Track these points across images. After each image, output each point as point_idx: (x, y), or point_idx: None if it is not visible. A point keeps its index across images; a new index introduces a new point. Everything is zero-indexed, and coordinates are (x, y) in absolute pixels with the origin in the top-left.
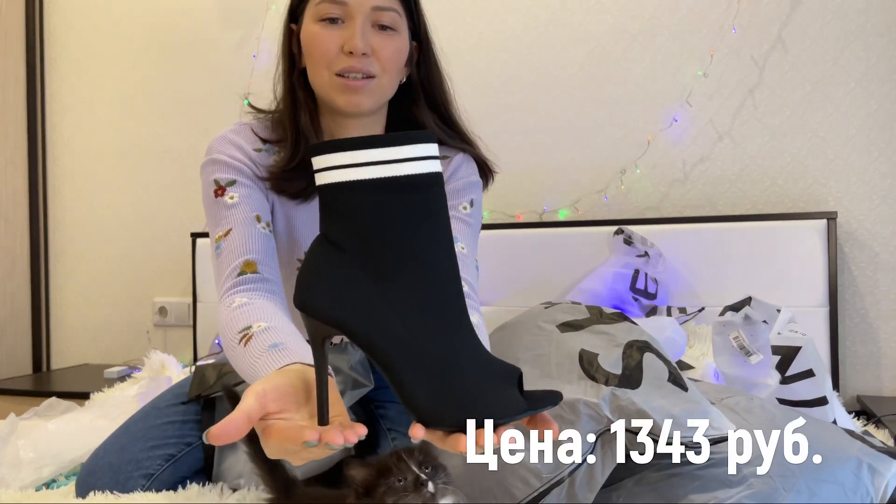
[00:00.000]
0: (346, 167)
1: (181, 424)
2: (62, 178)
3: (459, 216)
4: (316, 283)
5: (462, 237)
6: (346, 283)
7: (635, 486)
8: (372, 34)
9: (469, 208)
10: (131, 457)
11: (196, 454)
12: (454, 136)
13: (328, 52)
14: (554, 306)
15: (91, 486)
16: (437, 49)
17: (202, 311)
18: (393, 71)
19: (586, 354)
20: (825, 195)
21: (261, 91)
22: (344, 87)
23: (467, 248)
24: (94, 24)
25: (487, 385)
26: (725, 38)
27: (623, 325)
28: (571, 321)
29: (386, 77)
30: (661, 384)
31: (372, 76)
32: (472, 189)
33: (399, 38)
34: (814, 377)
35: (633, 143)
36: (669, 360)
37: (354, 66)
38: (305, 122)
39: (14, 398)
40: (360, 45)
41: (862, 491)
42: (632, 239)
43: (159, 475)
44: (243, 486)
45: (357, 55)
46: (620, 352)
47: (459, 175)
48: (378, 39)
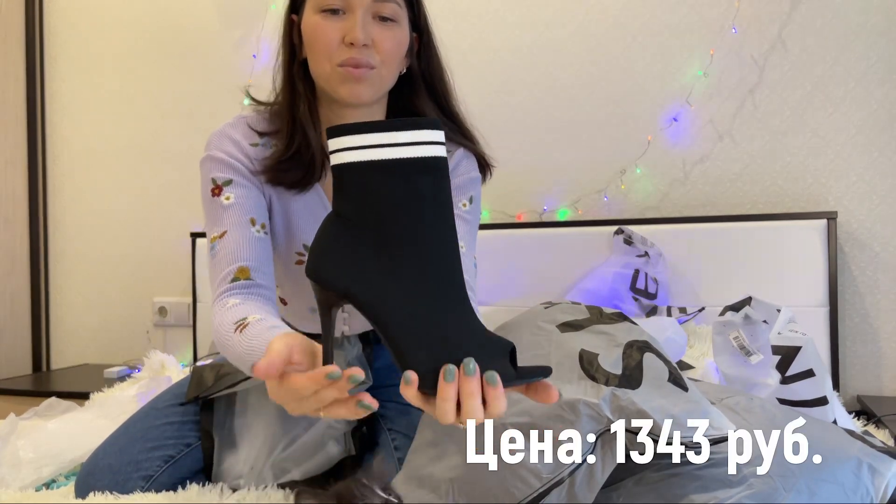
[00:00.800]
0: (360, 148)
1: (180, 425)
2: (62, 177)
3: (458, 213)
4: (326, 255)
5: (460, 235)
6: (354, 255)
7: (635, 486)
8: (373, 25)
9: (468, 205)
10: (130, 458)
11: (195, 455)
12: (455, 129)
13: (329, 43)
14: (554, 306)
15: (91, 486)
16: (438, 41)
17: (202, 311)
18: (393, 62)
19: (586, 354)
20: (825, 195)
21: (261, 91)
22: (345, 77)
23: (466, 245)
24: (94, 23)
25: (483, 356)
26: (725, 38)
27: (623, 325)
28: (571, 321)
29: (386, 68)
30: (661, 384)
31: (372, 67)
32: (472, 186)
33: (399, 29)
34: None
35: (634, 142)
36: (669, 360)
37: (355, 57)
38: (304, 111)
39: (14, 398)
40: (361, 36)
41: (862, 491)
42: (632, 239)
43: (158, 476)
44: (243, 487)
45: (358, 46)
46: (620, 352)
47: (460, 171)
48: (378, 31)
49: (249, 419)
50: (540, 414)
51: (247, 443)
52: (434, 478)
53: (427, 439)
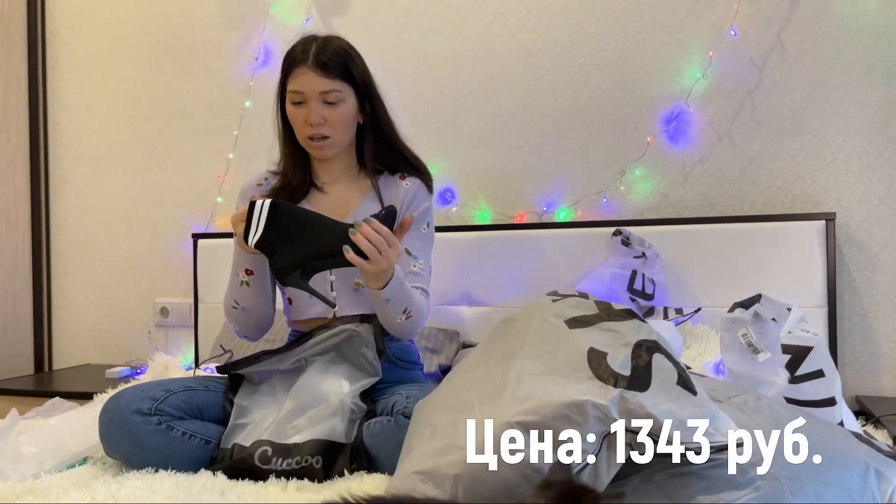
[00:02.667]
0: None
1: (205, 379)
2: (64, 179)
3: (419, 235)
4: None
5: (422, 253)
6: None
7: (641, 484)
8: (323, 108)
9: (427, 229)
10: (156, 384)
11: (213, 397)
12: (403, 160)
13: (299, 124)
14: (563, 300)
15: (117, 396)
16: (383, 95)
17: (203, 312)
18: (343, 129)
19: (595, 354)
20: (824, 196)
21: (262, 91)
22: (311, 146)
23: (424, 261)
24: (96, 25)
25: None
26: (725, 40)
27: (632, 322)
28: (580, 317)
29: (338, 134)
30: (670, 387)
31: (327, 137)
32: (428, 213)
33: (345, 105)
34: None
35: (633, 144)
36: (679, 361)
37: (313, 132)
38: (291, 161)
39: (16, 398)
40: (315, 118)
41: (868, 495)
42: (630, 240)
43: (178, 392)
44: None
45: (315, 126)
46: (629, 351)
47: (417, 203)
48: (328, 111)
49: (264, 396)
50: (547, 414)
51: (260, 408)
52: (438, 472)
53: (430, 431)
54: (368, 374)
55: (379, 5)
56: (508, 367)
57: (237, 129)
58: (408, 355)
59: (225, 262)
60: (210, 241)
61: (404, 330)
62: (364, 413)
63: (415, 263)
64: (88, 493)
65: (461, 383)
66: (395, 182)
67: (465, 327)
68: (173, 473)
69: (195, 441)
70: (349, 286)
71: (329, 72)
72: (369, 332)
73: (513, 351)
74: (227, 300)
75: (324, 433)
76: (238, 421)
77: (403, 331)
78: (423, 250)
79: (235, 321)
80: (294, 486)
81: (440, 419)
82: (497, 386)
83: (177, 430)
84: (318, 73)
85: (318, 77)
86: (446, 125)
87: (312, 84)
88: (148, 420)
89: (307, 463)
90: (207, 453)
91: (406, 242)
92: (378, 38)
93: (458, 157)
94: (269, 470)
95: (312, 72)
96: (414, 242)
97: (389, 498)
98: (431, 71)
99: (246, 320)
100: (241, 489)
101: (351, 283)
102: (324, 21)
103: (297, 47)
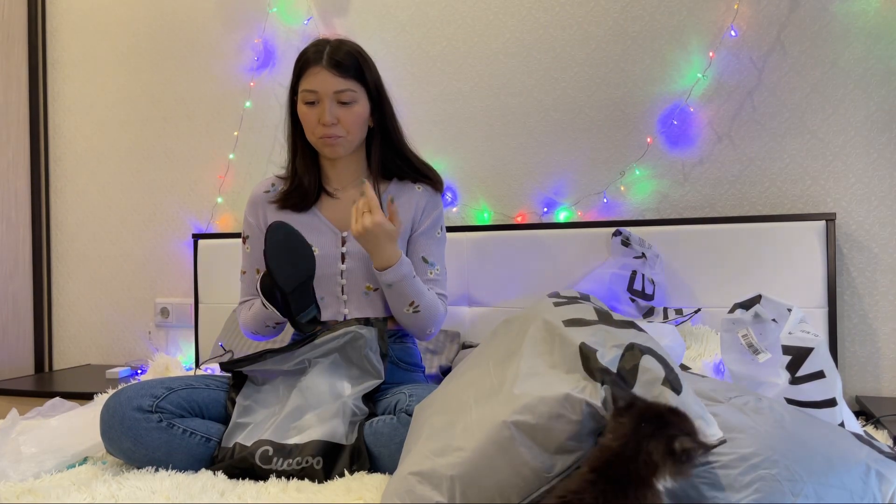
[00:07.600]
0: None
1: (207, 377)
2: (64, 179)
3: (434, 241)
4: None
5: (437, 259)
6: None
7: None
8: (337, 108)
9: (440, 233)
10: (158, 382)
11: (213, 395)
12: (411, 167)
13: (311, 124)
14: (564, 306)
15: (119, 392)
16: (393, 99)
17: (204, 312)
18: (355, 130)
19: (585, 348)
20: (824, 196)
21: (262, 91)
22: (324, 145)
23: (440, 266)
24: (96, 25)
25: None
26: (725, 41)
27: (629, 332)
28: (579, 319)
29: (351, 134)
30: (653, 387)
31: (340, 136)
32: (440, 218)
33: (358, 105)
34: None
35: (633, 144)
36: (671, 364)
37: (327, 132)
38: (301, 164)
39: (16, 398)
40: (328, 118)
41: (869, 497)
42: (629, 240)
43: (179, 390)
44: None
45: (328, 125)
46: (619, 352)
47: (429, 209)
48: (341, 111)
49: (267, 396)
50: (542, 412)
51: (262, 408)
52: (436, 474)
53: (427, 432)
54: (371, 377)
55: (379, 5)
56: (506, 368)
57: (237, 130)
58: (410, 357)
59: (225, 263)
60: (210, 242)
61: (414, 325)
62: (365, 415)
63: (431, 271)
64: (88, 493)
65: (460, 384)
66: (409, 187)
67: (465, 328)
68: (174, 473)
69: (196, 439)
70: (360, 290)
71: (343, 71)
72: (373, 335)
73: (511, 352)
74: (257, 326)
75: (325, 434)
76: (240, 420)
77: (413, 325)
78: (438, 256)
79: (263, 333)
80: (294, 486)
81: (438, 420)
82: (494, 386)
83: (177, 427)
84: (333, 72)
85: (332, 76)
86: (446, 125)
87: (326, 83)
88: (149, 417)
89: (308, 464)
90: (208, 451)
91: (422, 250)
92: (378, 38)
93: (459, 158)
94: (269, 470)
95: (327, 71)
96: (430, 249)
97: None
98: (431, 71)
99: (274, 332)
100: (242, 489)
101: (361, 287)
102: (324, 21)
103: (309, 49)
